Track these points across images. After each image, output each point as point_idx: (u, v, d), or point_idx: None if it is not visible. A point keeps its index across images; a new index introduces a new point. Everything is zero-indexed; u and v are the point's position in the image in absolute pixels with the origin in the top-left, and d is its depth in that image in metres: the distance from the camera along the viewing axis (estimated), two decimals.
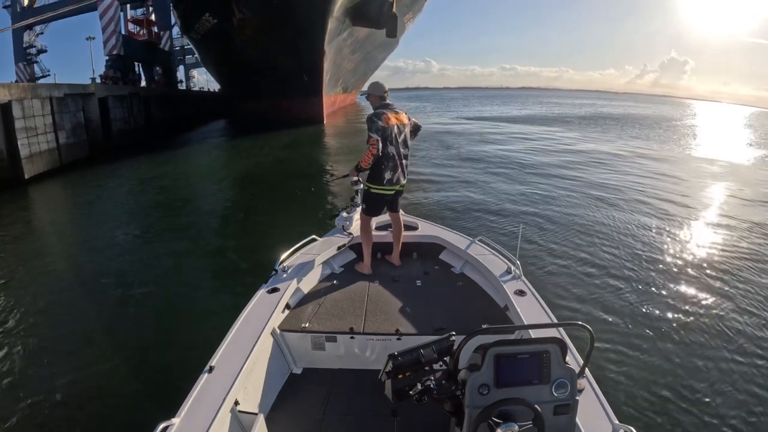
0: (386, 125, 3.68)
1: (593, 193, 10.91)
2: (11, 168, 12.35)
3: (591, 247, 7.20)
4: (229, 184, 13.19)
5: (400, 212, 4.02)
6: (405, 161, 3.87)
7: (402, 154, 3.82)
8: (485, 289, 3.43)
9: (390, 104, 3.85)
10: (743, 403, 3.67)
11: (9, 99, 12.27)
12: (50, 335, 4.65)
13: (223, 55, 30.26)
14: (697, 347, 4.45)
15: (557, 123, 32.98)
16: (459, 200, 10.16)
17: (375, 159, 3.68)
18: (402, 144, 3.81)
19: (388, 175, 3.77)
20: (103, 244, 7.63)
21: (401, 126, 3.80)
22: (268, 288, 3.04)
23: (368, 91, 3.93)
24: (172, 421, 1.83)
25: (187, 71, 58.12)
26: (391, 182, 3.79)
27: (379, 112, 3.74)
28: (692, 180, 13.50)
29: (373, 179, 3.80)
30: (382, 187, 3.79)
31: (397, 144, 3.77)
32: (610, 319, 4.91)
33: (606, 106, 70.39)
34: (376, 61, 42.06)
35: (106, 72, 29.86)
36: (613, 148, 19.89)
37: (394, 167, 3.78)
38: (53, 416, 3.49)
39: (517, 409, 1.53)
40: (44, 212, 10.63)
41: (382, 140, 3.67)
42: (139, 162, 16.52)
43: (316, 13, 23.47)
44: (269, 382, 2.57)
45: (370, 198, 3.87)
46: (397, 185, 3.86)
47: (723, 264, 6.63)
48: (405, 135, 3.85)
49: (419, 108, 55.50)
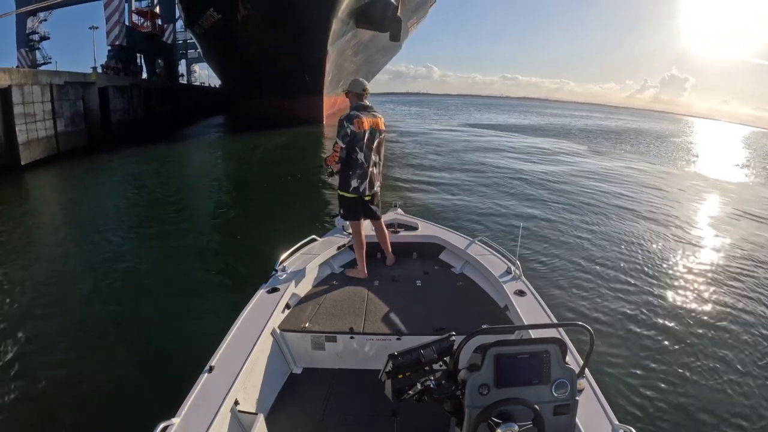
0: (357, 130, 3.50)
1: (594, 199, 11.06)
2: (8, 154, 12.31)
3: (591, 247, 7.26)
4: (227, 182, 13.14)
5: (382, 219, 3.92)
6: (376, 169, 3.71)
7: (372, 161, 3.65)
8: (485, 289, 3.42)
9: (368, 106, 3.63)
10: (743, 403, 3.70)
11: (9, 84, 12.24)
12: (45, 333, 4.56)
13: (225, 51, 30.23)
14: (697, 347, 4.49)
15: (561, 135, 33.07)
16: (459, 201, 10.24)
17: (342, 162, 3.59)
18: (374, 151, 3.65)
19: (354, 183, 3.63)
20: (97, 237, 7.51)
21: (376, 131, 3.62)
22: (268, 288, 3.03)
23: (347, 88, 3.69)
24: (172, 421, 1.83)
25: (189, 65, 58.02)
26: (358, 191, 3.65)
27: (353, 114, 3.51)
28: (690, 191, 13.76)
29: (342, 185, 3.69)
30: (350, 193, 3.67)
31: (368, 151, 3.60)
32: (610, 319, 4.94)
33: (606, 119, 70.79)
34: (378, 64, 42.06)
35: (108, 62, 29.83)
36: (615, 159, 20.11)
37: (362, 175, 3.63)
38: (53, 416, 3.47)
39: (517, 409, 1.54)
40: (38, 200, 10.55)
41: (350, 147, 3.53)
42: (136, 154, 16.45)
43: (320, 13, 23.52)
44: (269, 382, 2.57)
45: (342, 203, 3.77)
46: (365, 195, 3.69)
47: (721, 265, 6.77)
48: (379, 141, 3.68)
49: (419, 113, 55.58)
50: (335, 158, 3.57)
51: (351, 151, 3.56)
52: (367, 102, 3.67)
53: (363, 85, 3.66)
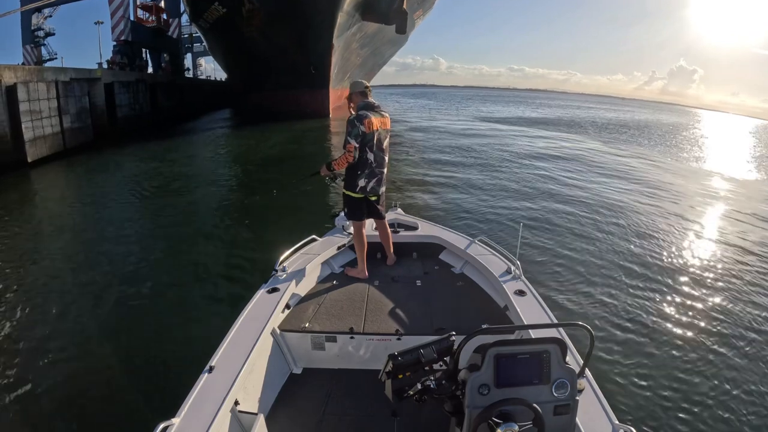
0: (368, 130, 3.44)
1: (596, 199, 10.86)
2: (14, 151, 12.32)
3: (591, 247, 7.19)
4: (229, 179, 13.06)
5: (386, 219, 3.89)
6: (384, 169, 3.67)
7: (381, 161, 3.62)
8: (485, 289, 3.42)
9: (375, 104, 3.55)
10: (743, 403, 3.68)
11: (15, 81, 12.22)
12: (45, 332, 4.55)
13: (230, 45, 30.15)
14: (697, 347, 4.46)
15: (569, 128, 32.66)
16: (460, 199, 10.15)
17: (351, 164, 3.54)
18: (384, 151, 3.62)
19: (362, 183, 3.59)
20: (99, 236, 7.52)
21: (384, 131, 3.58)
22: (268, 288, 3.02)
23: (350, 90, 3.63)
24: (172, 421, 1.83)
25: (195, 59, 57.93)
26: (365, 190, 3.61)
27: (363, 114, 3.44)
28: (696, 189, 13.46)
29: (348, 185, 3.64)
30: (356, 193, 3.63)
31: (378, 151, 3.56)
32: (611, 319, 4.91)
33: (614, 111, 70.06)
34: (384, 56, 41.91)
35: (113, 57, 29.91)
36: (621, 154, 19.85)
37: (370, 174, 3.59)
38: (53, 416, 3.45)
39: (517, 409, 1.53)
40: (44, 197, 10.52)
41: (361, 146, 3.47)
42: (142, 150, 16.43)
43: (325, 6, 23.36)
44: (269, 382, 2.56)
45: (348, 203, 3.72)
46: (372, 195, 3.67)
47: (724, 265, 6.70)
48: (387, 141, 3.64)
49: (426, 106, 55.15)
50: (348, 159, 3.47)
51: (361, 151, 3.50)
52: (372, 99, 3.58)
53: (363, 84, 3.62)
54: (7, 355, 4.13)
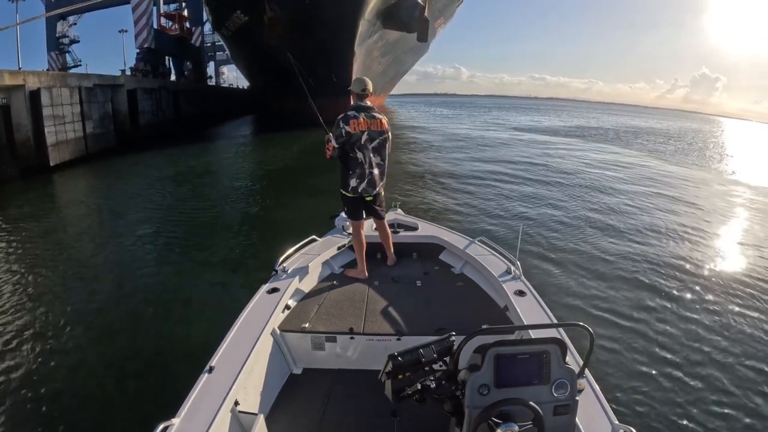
0: (353, 131, 3.45)
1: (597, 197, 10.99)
2: (37, 155, 12.44)
3: (591, 247, 7.22)
4: (239, 184, 12.92)
5: (385, 219, 3.87)
6: (377, 171, 3.62)
7: (374, 162, 3.59)
8: (485, 290, 3.42)
9: (367, 106, 3.54)
10: (743, 403, 3.67)
11: (38, 87, 12.32)
12: (45, 332, 4.56)
13: (252, 53, 30.32)
14: (698, 348, 4.45)
15: (583, 135, 32.07)
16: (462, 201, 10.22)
17: (341, 160, 3.57)
18: (375, 152, 3.58)
19: (353, 183, 3.58)
20: (108, 239, 7.64)
21: (375, 132, 3.53)
22: (268, 288, 3.03)
23: (351, 88, 3.64)
24: (172, 421, 1.82)
25: (217, 67, 58.93)
26: (356, 191, 3.60)
27: (350, 115, 3.47)
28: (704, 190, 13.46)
29: (342, 184, 3.65)
30: (349, 193, 3.63)
31: (367, 151, 3.54)
32: (611, 319, 4.93)
33: (637, 118, 69.32)
34: (405, 65, 41.77)
35: (137, 64, 30.34)
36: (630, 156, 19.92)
37: (361, 175, 3.57)
38: (53, 416, 3.42)
39: (517, 409, 1.52)
40: (64, 201, 10.63)
41: (349, 147, 3.48)
42: (162, 156, 16.54)
43: (347, 15, 23.30)
44: (269, 383, 2.57)
45: (344, 202, 3.74)
46: (366, 195, 3.64)
47: (726, 267, 6.71)
48: (380, 142, 3.58)
49: (454, 116, 54.18)
50: (327, 155, 3.56)
51: (349, 150, 3.51)
52: (368, 102, 3.59)
53: (364, 84, 3.58)
54: (8, 354, 4.16)
